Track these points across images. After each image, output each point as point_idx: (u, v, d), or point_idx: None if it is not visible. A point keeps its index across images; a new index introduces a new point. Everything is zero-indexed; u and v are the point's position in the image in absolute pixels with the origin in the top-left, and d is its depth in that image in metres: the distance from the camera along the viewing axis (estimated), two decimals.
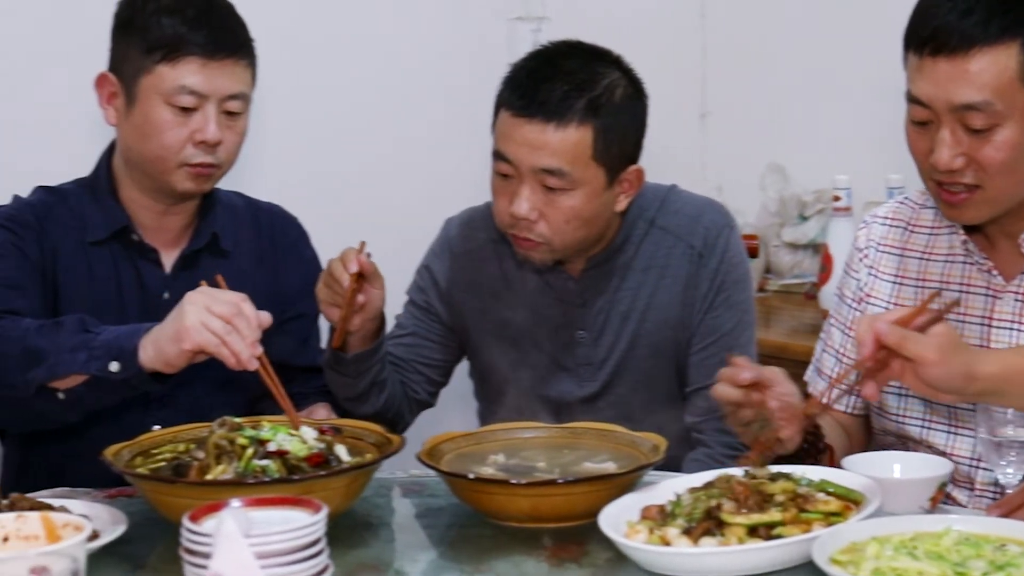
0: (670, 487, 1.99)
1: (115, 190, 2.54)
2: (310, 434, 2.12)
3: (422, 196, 3.55)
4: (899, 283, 2.38)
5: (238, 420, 2.12)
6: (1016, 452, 2.02)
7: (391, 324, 2.65)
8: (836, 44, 3.90)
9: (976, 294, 2.29)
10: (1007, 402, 1.98)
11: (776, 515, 1.83)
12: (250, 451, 2.04)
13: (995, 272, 2.27)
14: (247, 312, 2.16)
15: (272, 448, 2.04)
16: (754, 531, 1.82)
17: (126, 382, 2.20)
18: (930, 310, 1.92)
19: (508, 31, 3.82)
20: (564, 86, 2.43)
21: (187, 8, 2.43)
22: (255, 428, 2.11)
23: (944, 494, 2.06)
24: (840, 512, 1.86)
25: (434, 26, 3.75)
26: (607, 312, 2.60)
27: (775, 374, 2.08)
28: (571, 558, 1.93)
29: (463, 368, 2.79)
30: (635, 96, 2.51)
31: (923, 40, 2.11)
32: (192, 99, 2.42)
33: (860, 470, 2.01)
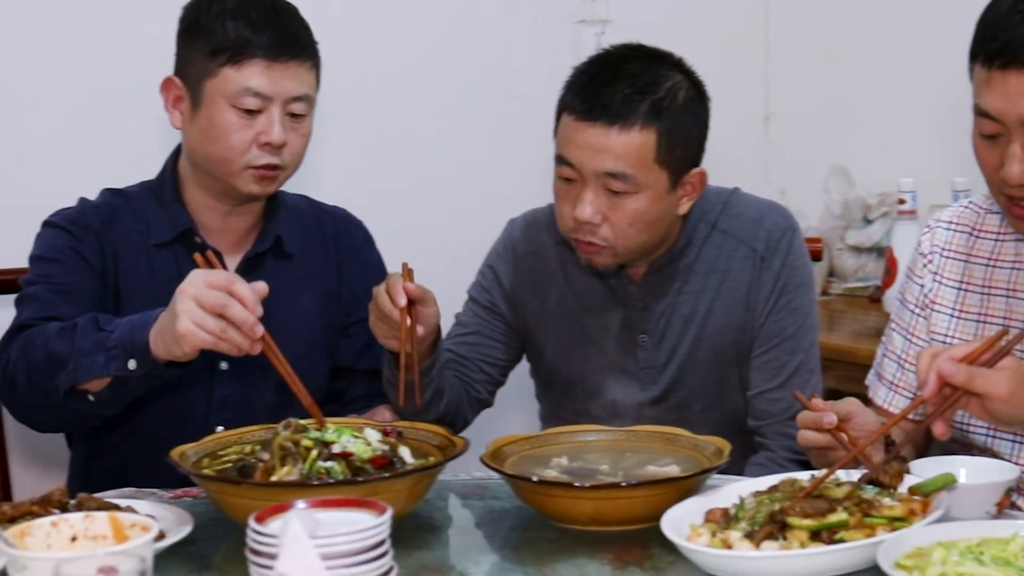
0: (734, 491, 1.99)
1: (180, 193, 2.56)
2: (374, 436, 2.13)
3: (485, 200, 3.54)
4: (964, 289, 2.34)
5: (303, 422, 2.13)
6: None
7: (450, 323, 2.64)
8: (901, 45, 3.87)
9: None
10: None
11: (842, 515, 1.81)
12: (315, 453, 2.04)
13: None
14: (240, 294, 2.10)
15: (336, 450, 2.05)
16: (816, 536, 1.81)
17: (149, 375, 2.21)
18: (997, 346, 1.90)
19: (572, 34, 3.81)
20: (627, 89, 2.42)
21: (251, 11, 2.45)
22: (319, 430, 2.11)
23: (1010, 500, 2.04)
24: (905, 517, 1.84)
25: (498, 30, 3.75)
26: (669, 316, 2.60)
27: (852, 405, 2.07)
28: (634, 561, 1.92)
29: (521, 367, 2.79)
30: (698, 98, 2.50)
31: (992, 53, 2.06)
32: (257, 101, 2.43)
33: (926, 475, 1.99)
